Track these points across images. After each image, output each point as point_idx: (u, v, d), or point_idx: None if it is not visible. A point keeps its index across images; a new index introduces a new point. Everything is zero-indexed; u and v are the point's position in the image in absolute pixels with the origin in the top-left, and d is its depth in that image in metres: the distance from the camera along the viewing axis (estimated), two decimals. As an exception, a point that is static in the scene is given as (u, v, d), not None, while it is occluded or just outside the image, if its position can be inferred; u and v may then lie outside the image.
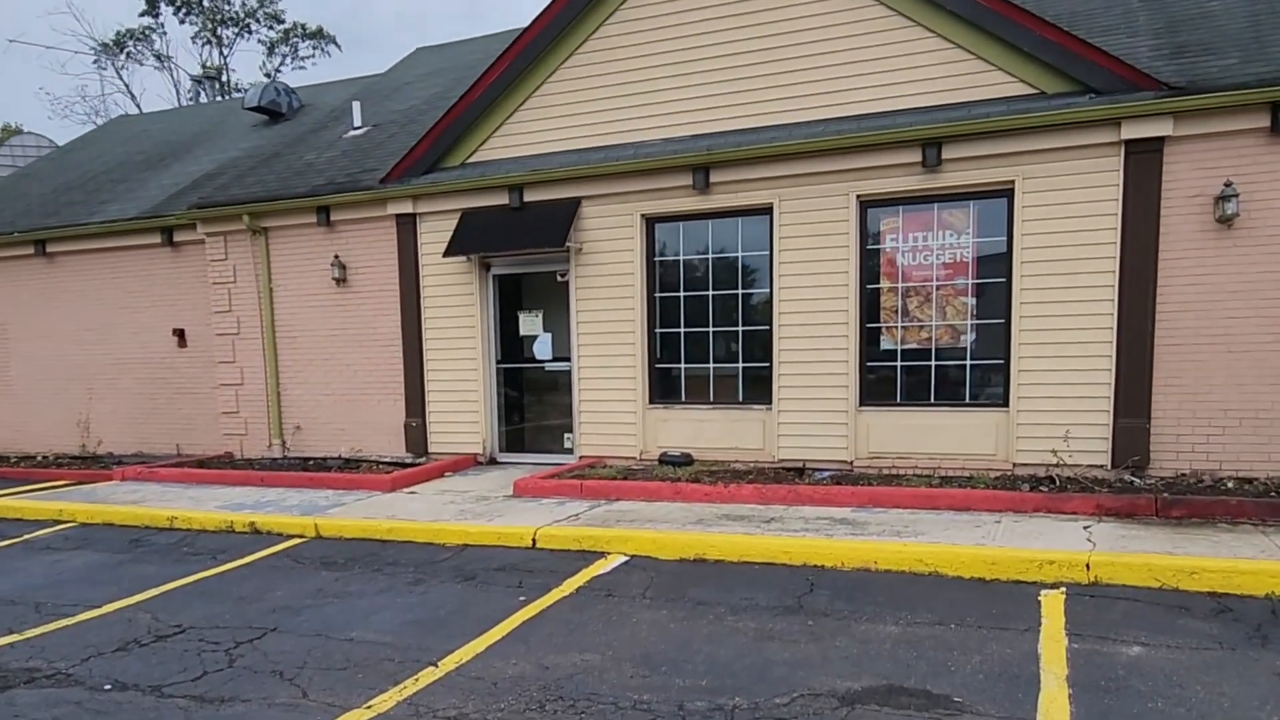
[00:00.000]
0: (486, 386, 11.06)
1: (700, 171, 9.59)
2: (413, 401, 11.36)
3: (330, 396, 11.93)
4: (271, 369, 12.16)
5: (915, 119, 8.77)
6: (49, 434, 14.59)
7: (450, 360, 11.15)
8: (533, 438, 11.60)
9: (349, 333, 11.73)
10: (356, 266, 11.57)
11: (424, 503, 8.85)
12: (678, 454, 9.92)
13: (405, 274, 11.25)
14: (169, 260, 13.32)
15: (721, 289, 10.01)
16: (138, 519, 8.90)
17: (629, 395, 10.30)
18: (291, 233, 11.92)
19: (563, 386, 10.97)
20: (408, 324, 11.28)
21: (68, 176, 16.25)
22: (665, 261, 10.23)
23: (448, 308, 11.10)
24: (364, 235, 11.52)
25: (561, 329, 10.81)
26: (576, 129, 10.35)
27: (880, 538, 6.71)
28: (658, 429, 10.27)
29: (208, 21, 38.33)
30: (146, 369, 13.70)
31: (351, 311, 11.68)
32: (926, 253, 9.12)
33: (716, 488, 8.45)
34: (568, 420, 10.81)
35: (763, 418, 9.81)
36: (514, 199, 10.49)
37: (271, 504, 9.11)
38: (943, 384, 9.23)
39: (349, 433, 11.87)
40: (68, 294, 14.16)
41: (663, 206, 9.98)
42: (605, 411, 10.44)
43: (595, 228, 10.28)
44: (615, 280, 10.24)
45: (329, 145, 13.08)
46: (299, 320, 12.01)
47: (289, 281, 12.02)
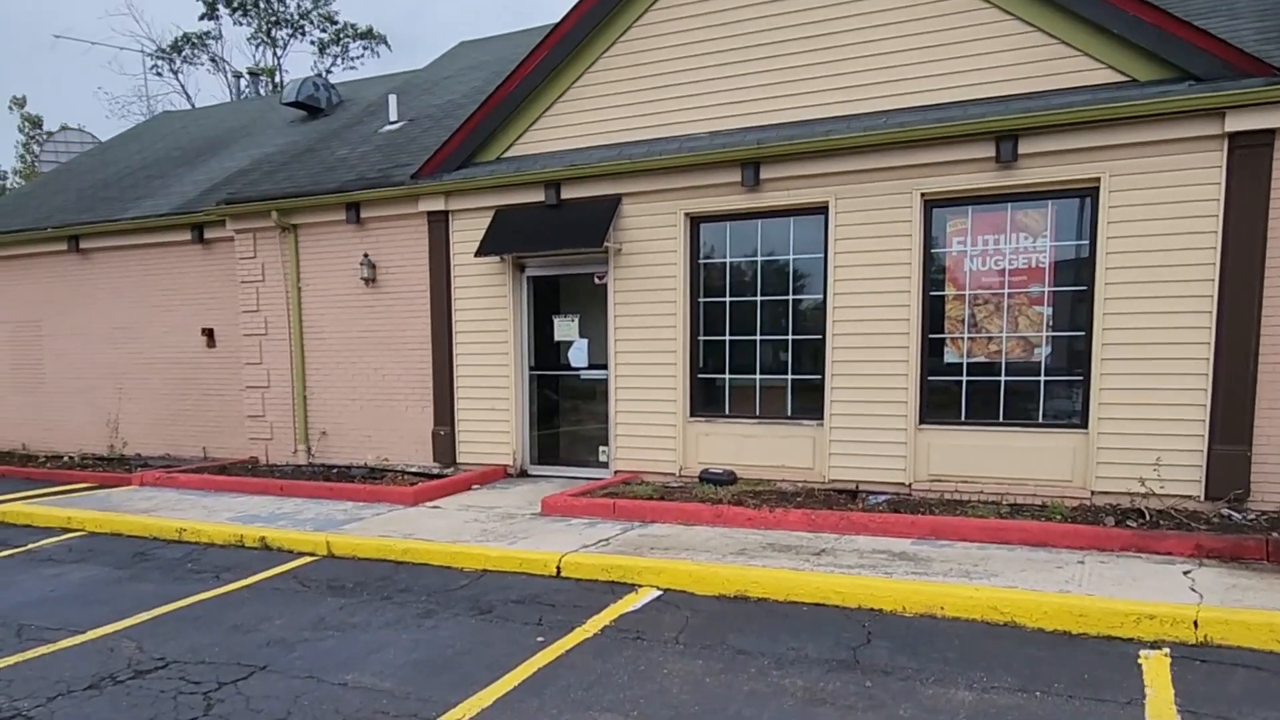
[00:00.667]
0: (518, 394, 10.45)
1: (749, 167, 8.87)
2: (441, 409, 10.80)
3: (357, 401, 11.43)
4: (298, 372, 11.69)
5: (987, 110, 7.96)
6: (79, 433, 14.34)
7: (481, 366, 10.57)
8: (566, 449, 10.97)
9: (377, 335, 11.21)
10: (386, 266, 11.05)
11: (445, 520, 8.25)
12: (720, 471, 9.19)
13: (436, 274, 10.69)
14: (199, 258, 12.95)
15: (770, 294, 9.27)
16: (146, 530, 8.44)
17: (669, 407, 9.61)
18: (321, 230, 11.45)
19: (599, 396, 10.31)
20: (438, 327, 10.73)
21: (106, 173, 16.06)
22: (710, 264, 9.52)
23: (479, 310, 10.52)
24: (394, 233, 10.99)
25: (598, 335, 10.16)
26: (617, 122, 9.69)
27: (947, 578, 5.92)
28: (699, 444, 9.56)
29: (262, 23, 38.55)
30: (175, 369, 13.36)
31: (380, 313, 11.16)
32: (997, 257, 8.29)
33: (761, 512, 7.72)
34: (603, 432, 10.15)
35: (812, 434, 9.05)
36: (550, 196, 9.87)
37: (286, 517, 8.59)
38: (1013, 402, 8.39)
39: (375, 440, 11.35)
40: (100, 291, 13.90)
41: (708, 205, 9.27)
42: (643, 424, 9.76)
43: (636, 227, 9.62)
44: (656, 283, 9.56)
45: (363, 140, 12.60)
46: (327, 321, 11.53)
47: (318, 281, 11.54)
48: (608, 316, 9.87)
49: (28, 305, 14.65)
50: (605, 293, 9.89)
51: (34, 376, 14.79)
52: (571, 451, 10.88)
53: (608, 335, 9.89)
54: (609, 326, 9.86)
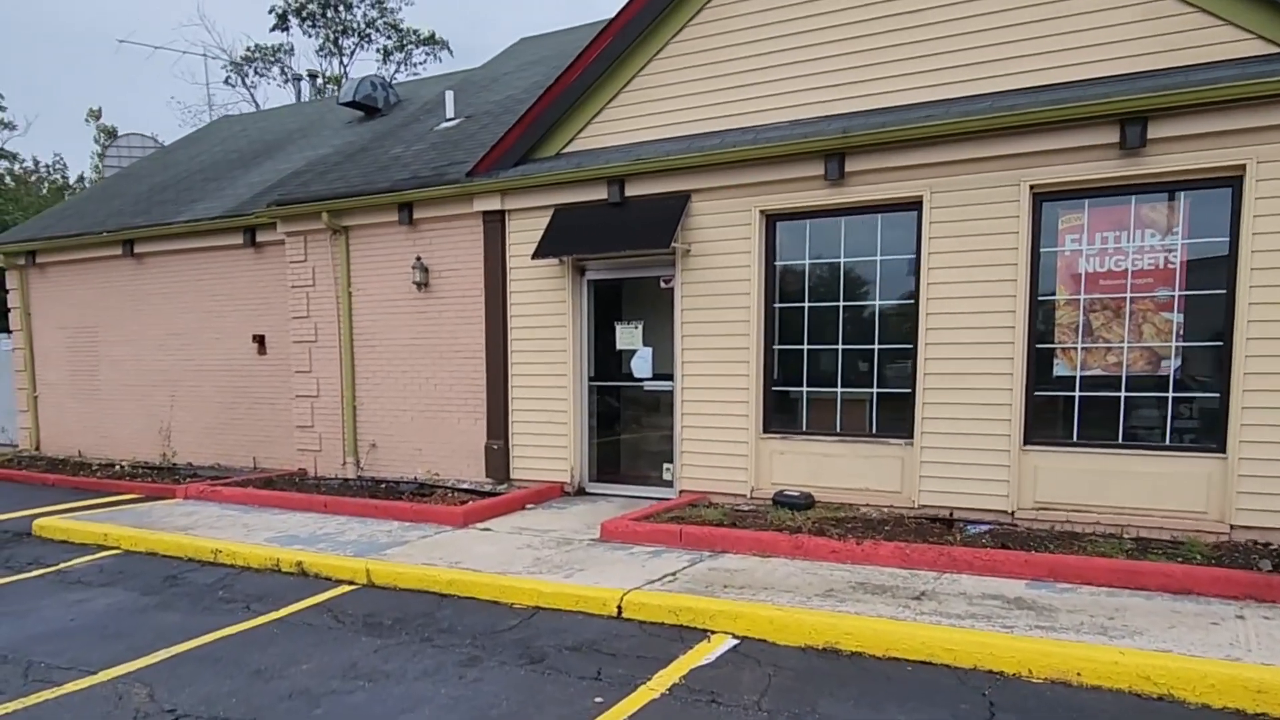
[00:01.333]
0: (577, 407, 9.73)
1: (833, 159, 8.02)
2: (495, 421, 10.14)
3: (407, 413, 10.84)
4: (348, 380, 11.16)
5: (1110, 90, 6.98)
6: (133, 441, 14.08)
7: (537, 376, 9.88)
8: (627, 466, 10.22)
9: (429, 343, 10.61)
10: (439, 270, 10.44)
11: (495, 545, 7.55)
12: (796, 494, 8.34)
13: (491, 278, 10.04)
14: (251, 262, 12.55)
15: (854, 299, 8.39)
16: (181, 550, 7.92)
17: (740, 422, 8.78)
18: (372, 232, 10.91)
19: (663, 409, 9.54)
20: (492, 334, 10.07)
21: (164, 176, 15.86)
22: (787, 266, 8.68)
23: (536, 317, 9.83)
24: (448, 235, 10.38)
25: (663, 343, 9.38)
26: (686, 112, 8.92)
27: (1080, 634, 4.99)
28: (772, 463, 8.71)
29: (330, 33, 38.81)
30: (227, 376, 12.98)
31: (432, 319, 10.56)
32: (1118, 257, 7.30)
33: (847, 544, 6.84)
34: (667, 448, 9.36)
35: (900, 454, 8.14)
36: (613, 193, 9.14)
37: (328, 538, 7.98)
38: (1134, 420, 7.38)
39: (426, 454, 10.74)
40: (154, 297, 13.61)
41: (786, 201, 8.44)
42: (711, 440, 8.94)
43: (706, 226, 8.82)
44: (728, 287, 8.75)
45: (417, 138, 12.06)
46: (378, 328, 10.97)
47: (368, 285, 11.00)
48: (674, 323, 9.09)
49: (85, 311, 14.47)
50: (671, 297, 9.12)
51: (90, 383, 14.59)
52: (633, 469, 10.12)
53: (674, 343, 9.11)
54: (675, 334, 9.08)
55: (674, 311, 9.09)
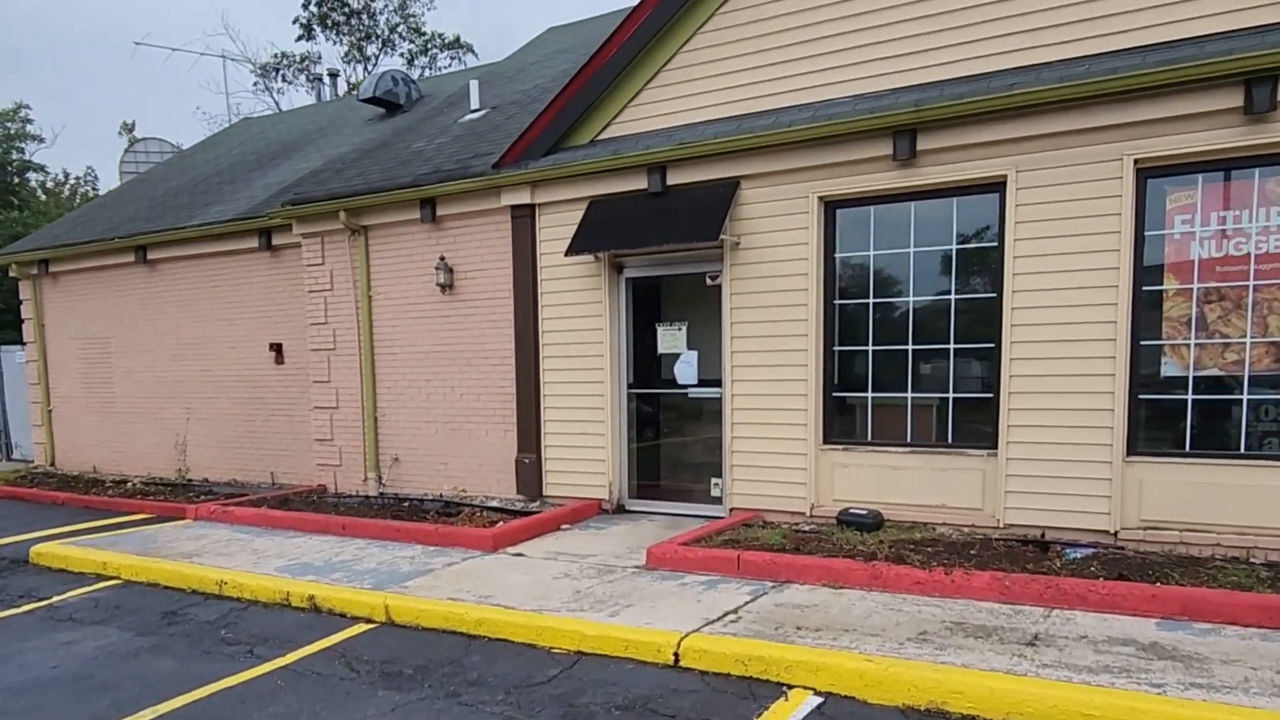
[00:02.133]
0: (615, 417, 8.89)
1: (903, 136, 7.14)
2: (526, 433, 9.33)
3: (431, 424, 10.06)
4: (369, 390, 10.41)
5: (1234, 46, 6.05)
6: (148, 455, 13.45)
7: (572, 384, 9.06)
8: (670, 481, 9.37)
9: (454, 349, 9.83)
10: (465, 270, 9.67)
11: (529, 575, 6.73)
12: (863, 513, 7.45)
13: (521, 279, 9.25)
14: (267, 266, 11.86)
15: (925, 294, 7.50)
16: (184, 581, 7.17)
17: (797, 432, 7.90)
18: (392, 231, 10.16)
19: (710, 418, 8.69)
20: (522, 339, 9.27)
21: (179, 180, 15.26)
22: (848, 259, 7.80)
23: (570, 319, 9.01)
24: (474, 232, 9.60)
25: (710, 346, 8.53)
26: (735, 90, 8.08)
27: (1251, 696, 4.07)
28: (834, 477, 7.83)
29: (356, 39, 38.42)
30: (243, 387, 12.29)
31: (457, 324, 9.78)
32: (1239, 239, 6.36)
33: (933, 573, 5.94)
34: (715, 461, 8.50)
35: (982, 466, 7.22)
36: (654, 182, 8.31)
37: (344, 567, 7.21)
38: (1260, 427, 6.42)
39: (452, 468, 9.95)
40: (168, 305, 12.98)
41: (847, 186, 7.56)
42: (765, 452, 8.07)
43: (758, 215, 7.97)
44: (782, 283, 7.89)
45: (440, 131, 11.31)
46: (399, 334, 10.21)
47: (389, 288, 10.25)
48: (722, 324, 8.24)
49: (98, 321, 13.88)
50: (719, 296, 8.27)
51: (104, 396, 13.99)
52: (677, 484, 9.27)
53: (722, 346, 8.26)
54: (724, 336, 8.22)
55: (722, 311, 8.24)
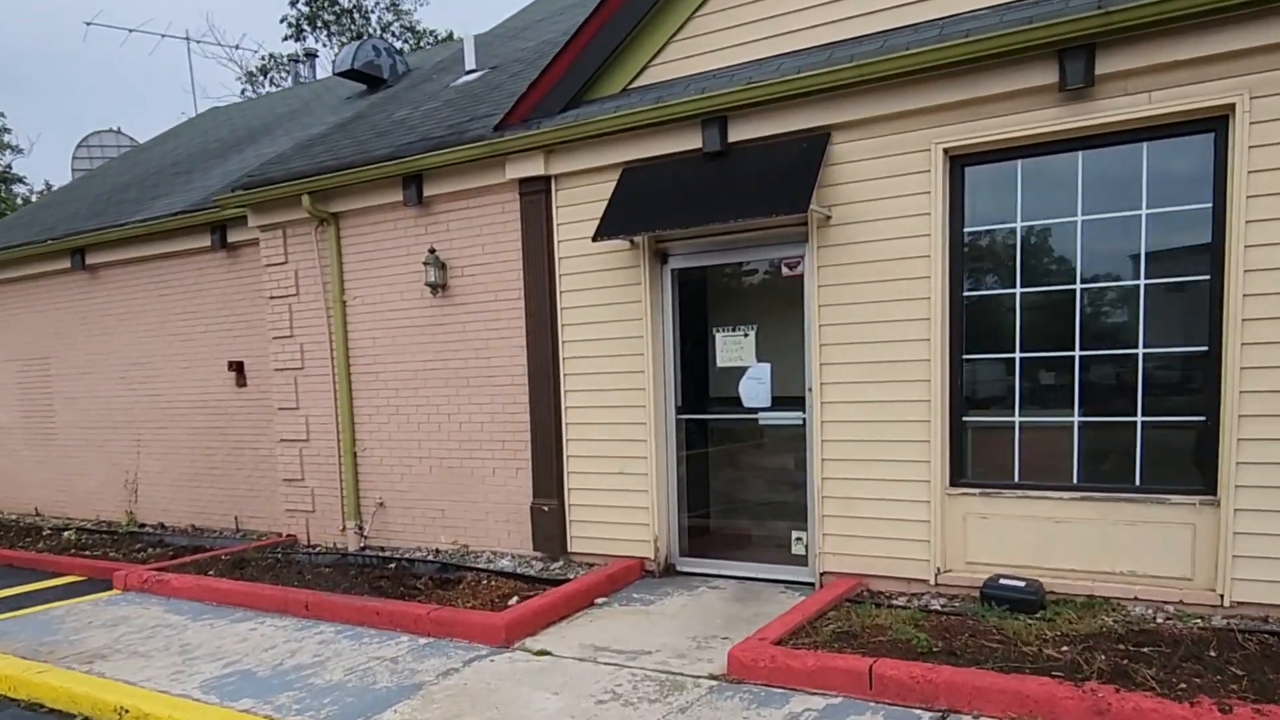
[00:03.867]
0: (660, 450, 6.81)
1: (1076, 56, 5.07)
2: (544, 473, 7.24)
3: (424, 461, 7.98)
4: (345, 419, 8.33)
5: None
6: (96, 495, 11.39)
7: (603, 409, 6.98)
8: (734, 534, 7.31)
9: (450, 366, 7.76)
10: (461, 266, 7.61)
11: (562, 693, 4.64)
12: (1019, 584, 5.36)
13: (534, 274, 7.19)
14: (223, 270, 9.80)
15: (1100, 279, 5.43)
16: (75, 704, 5.08)
17: (914, 470, 5.82)
18: (369, 219, 8.10)
19: (788, 450, 6.64)
20: (537, 352, 7.20)
21: (132, 175, 13.24)
22: (986, 234, 5.73)
23: (599, 324, 6.94)
24: (471, 217, 7.55)
25: (787, 357, 6.47)
26: (818, 10, 6.02)
27: None
28: (968, 532, 5.74)
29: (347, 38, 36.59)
30: (200, 415, 10.23)
31: (454, 334, 7.71)
32: None
33: (1196, 710, 3.84)
34: (797, 507, 6.44)
35: (1192, 519, 5.14)
36: (711, 138, 6.25)
37: (299, 678, 5.12)
38: None
39: (450, 516, 7.87)
40: (112, 319, 10.92)
41: (985, 132, 5.50)
42: (869, 497, 5.99)
43: (856, 179, 5.90)
44: (891, 269, 5.82)
45: (429, 97, 9.27)
46: (381, 348, 8.14)
47: (368, 291, 8.18)
48: (806, 327, 6.17)
49: (34, 339, 11.83)
50: (800, 290, 6.21)
51: (45, 426, 11.94)
52: (743, 537, 7.20)
53: (807, 356, 6.18)
54: (809, 342, 6.15)
55: (805, 310, 6.18)
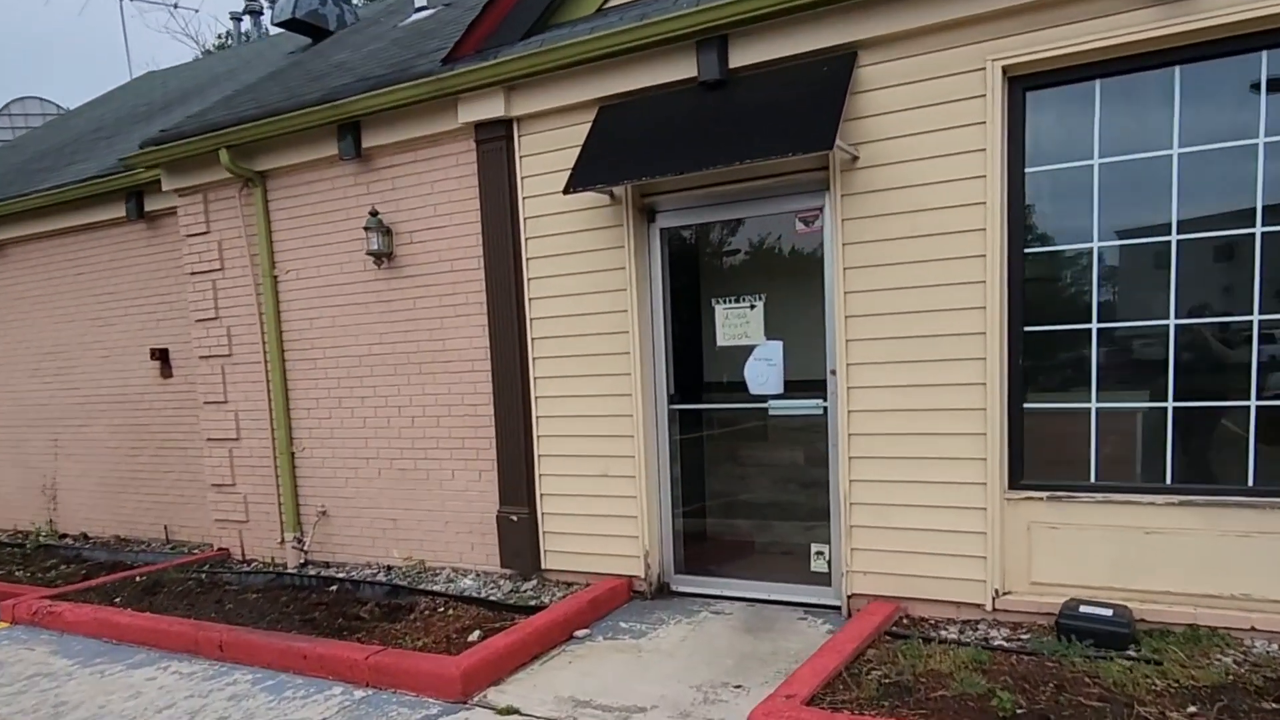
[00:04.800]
0: (650, 447, 5.67)
1: (1185, -69, 3.94)
2: (512, 476, 6.08)
3: (372, 462, 6.80)
4: (280, 413, 7.12)
5: None
6: (11, 502, 10.10)
7: (580, 399, 5.81)
8: (740, 546, 6.16)
9: (400, 350, 6.57)
10: (409, 230, 6.40)
11: (531, 782, 3.50)
12: (1104, 613, 4.28)
13: (495, 238, 5.99)
14: (143, 243, 8.52)
15: (1202, 227, 4.31)
16: (-114, 795, 3.91)
17: (965, 470, 4.71)
18: (301, 177, 6.86)
19: (806, 445, 5.51)
20: (501, 331, 6.02)
21: (54, 141, 11.86)
22: (1051, 176, 4.60)
23: (574, 297, 5.77)
24: (420, 172, 6.33)
25: (803, 333, 5.32)
26: (839, -101, 4.85)
27: None
28: (1033, 545, 4.65)
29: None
30: (122, 410, 8.96)
31: (402, 312, 6.51)
32: None
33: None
34: (817, 513, 5.31)
35: (1319, 529, 4.06)
36: (708, 64, 5.07)
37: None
38: None
39: (403, 527, 6.70)
40: (24, 302, 9.61)
41: (1055, 44, 4.36)
42: (908, 504, 4.88)
43: (890, 109, 4.75)
44: (934, 221, 4.68)
45: (374, 39, 8.01)
46: (319, 330, 6.93)
47: (302, 262, 6.95)
48: (827, 295, 5.03)
49: (-61, 327, 10.49)
50: (819, 250, 5.08)
51: (-46, 425, 10.62)
52: (751, 550, 6.07)
53: (829, 331, 5.05)
54: (831, 314, 5.01)
55: (825, 274, 5.04)
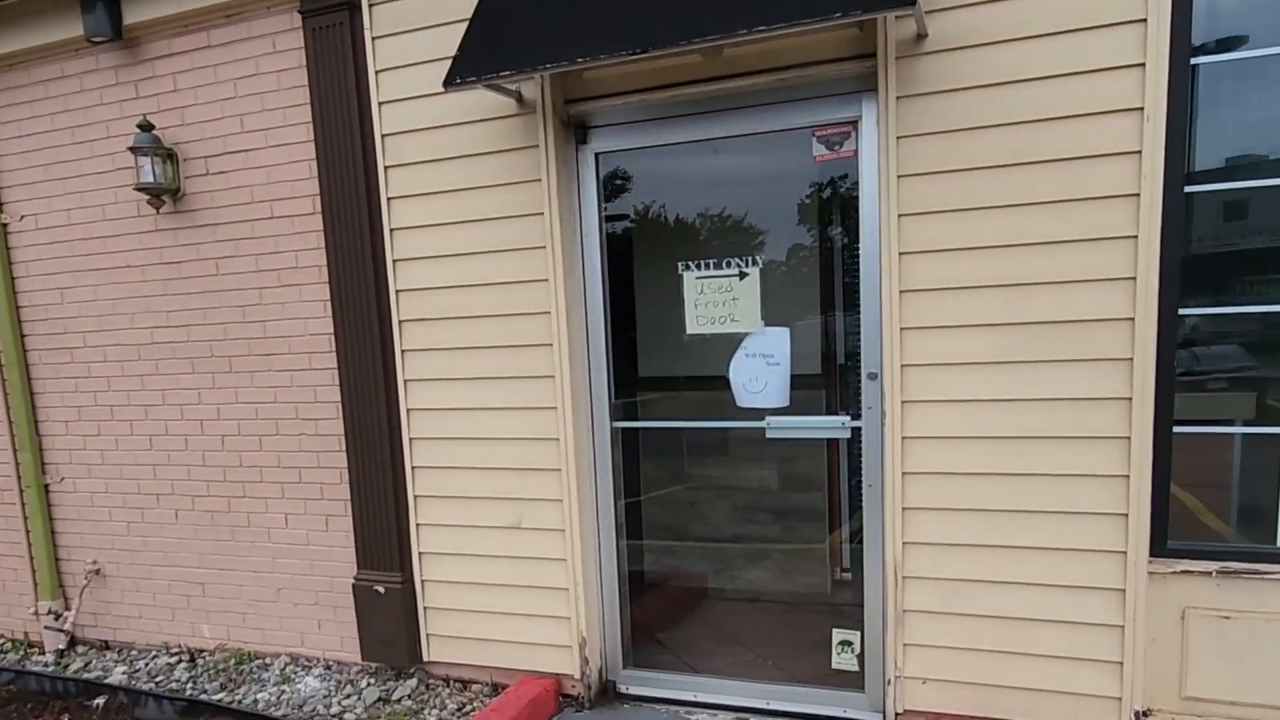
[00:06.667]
0: (585, 483, 3.77)
1: None
2: (374, 525, 4.07)
3: (165, 499, 4.64)
4: (24, 428, 4.83)
5: None
6: None
7: (479, 413, 3.84)
8: (719, 627, 4.30)
9: (197, 336, 4.39)
10: (204, 154, 4.20)
11: None
12: (1332, 762, 2.68)
13: (336, 165, 3.89)
14: None
15: None
16: None
17: (1087, 529, 3.03)
18: (33, 73, 4.51)
19: (816, 487, 3.71)
20: (351, 310, 3.96)
21: None
22: (1236, 66, 2.87)
23: (465, 258, 3.75)
24: (216, 64, 4.12)
25: (816, 316, 3.50)
26: None
27: None
28: (1189, 640, 3.04)
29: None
30: None
31: (198, 279, 4.33)
32: None
33: None
34: (839, 585, 3.56)
35: None
36: None
37: None
38: None
39: (216, 595, 4.60)
40: None
41: None
42: (994, 579, 3.16)
43: (993, -53, 2.91)
44: (1050, 141, 2.89)
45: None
46: (75, 306, 4.65)
47: (42, 203, 4.63)
48: (865, 258, 3.22)
49: None
50: (851, 187, 3.23)
51: None
52: (733, 634, 4.22)
53: (866, 315, 3.24)
54: (873, 287, 3.21)
55: (861, 226, 3.22)
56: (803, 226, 3.56)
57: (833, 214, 3.47)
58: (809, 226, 3.57)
